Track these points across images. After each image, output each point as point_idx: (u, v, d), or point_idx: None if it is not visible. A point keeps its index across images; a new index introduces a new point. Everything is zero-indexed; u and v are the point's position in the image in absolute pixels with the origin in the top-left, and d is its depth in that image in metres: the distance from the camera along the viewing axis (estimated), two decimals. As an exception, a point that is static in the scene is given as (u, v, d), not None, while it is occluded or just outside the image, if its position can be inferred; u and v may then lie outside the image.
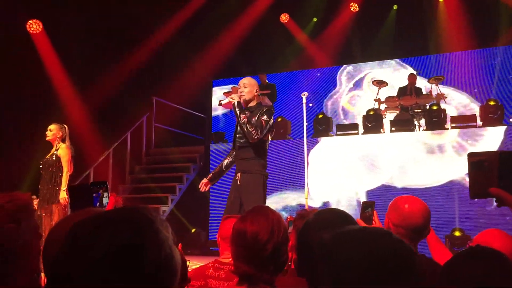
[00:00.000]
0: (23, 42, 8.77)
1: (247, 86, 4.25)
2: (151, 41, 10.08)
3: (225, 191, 8.20)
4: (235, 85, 9.70)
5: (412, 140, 7.59)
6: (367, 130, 8.09)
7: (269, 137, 4.28)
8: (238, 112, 4.14)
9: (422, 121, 8.33)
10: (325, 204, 7.53)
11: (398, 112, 8.56)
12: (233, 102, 4.20)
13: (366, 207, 2.14)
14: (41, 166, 5.49)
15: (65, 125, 5.64)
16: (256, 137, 4.06)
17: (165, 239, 0.82)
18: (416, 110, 8.34)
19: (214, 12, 10.50)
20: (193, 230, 8.30)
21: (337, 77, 10.80)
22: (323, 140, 8.04)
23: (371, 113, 8.31)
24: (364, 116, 8.31)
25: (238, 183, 4.19)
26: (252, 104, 4.27)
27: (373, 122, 8.11)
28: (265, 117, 4.11)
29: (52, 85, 9.02)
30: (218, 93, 10.79)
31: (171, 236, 0.85)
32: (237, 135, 4.26)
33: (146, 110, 9.81)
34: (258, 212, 1.75)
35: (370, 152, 7.62)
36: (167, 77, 10.30)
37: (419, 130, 8.12)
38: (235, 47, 10.68)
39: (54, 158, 5.38)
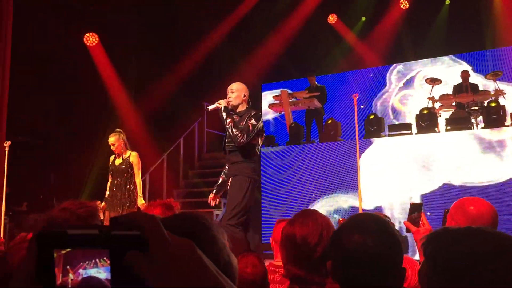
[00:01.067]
0: (81, 55, 9.19)
1: (234, 91, 4.26)
2: (200, 48, 10.29)
3: (277, 194, 8.23)
4: (285, 89, 9.76)
5: (470, 139, 7.31)
6: (421, 130, 7.87)
7: (259, 141, 4.26)
8: (224, 116, 4.15)
9: (480, 119, 8.01)
10: (377, 208, 7.38)
11: (453, 110, 8.28)
12: (220, 107, 4.20)
13: (414, 210, 2.11)
14: (111, 173, 5.64)
15: (119, 130, 5.76)
16: (241, 141, 4.05)
17: (222, 246, 0.82)
18: (473, 108, 8.03)
19: (262, 16, 10.58)
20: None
21: (387, 77, 10.58)
22: (376, 142, 7.90)
23: (425, 112, 8.07)
24: (417, 115, 8.08)
25: (228, 187, 4.21)
26: (241, 109, 4.27)
27: (427, 121, 7.88)
28: (252, 121, 4.10)
29: (108, 95, 9.40)
30: (268, 97, 10.84)
31: (227, 242, 0.85)
32: (226, 140, 4.26)
33: (197, 116, 10.01)
34: (306, 215, 1.77)
35: (424, 152, 7.40)
36: (217, 82, 10.46)
37: (477, 128, 7.81)
38: (284, 50, 10.70)
39: (127, 165, 5.55)
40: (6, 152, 5.81)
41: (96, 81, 9.21)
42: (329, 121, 8.69)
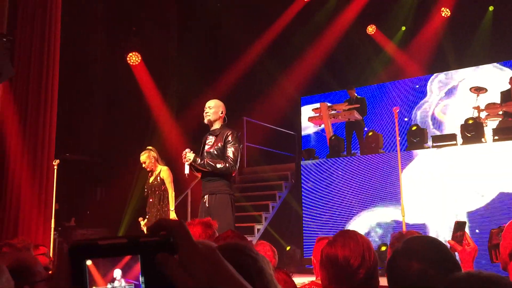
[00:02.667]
0: (125, 74, 9.48)
1: (212, 108, 4.45)
2: (240, 63, 10.41)
3: (318, 208, 8.16)
4: (324, 102, 9.70)
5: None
6: (466, 140, 7.63)
7: None
8: (200, 166, 4.26)
9: (529, 128, 7.69)
10: (420, 225, 7.17)
11: (500, 119, 7.99)
12: (189, 163, 4.31)
13: (458, 228, 2.05)
14: (146, 191, 5.75)
15: (150, 148, 5.80)
16: (234, 169, 4.22)
17: (270, 278, 0.83)
18: (521, 116, 7.73)
19: (300, 29, 10.62)
20: (288, 248, 8.32)
21: (427, 86, 10.35)
22: (419, 154, 7.71)
23: (470, 121, 7.83)
24: (462, 125, 7.84)
25: (207, 205, 4.25)
26: (217, 126, 4.43)
27: (473, 131, 7.63)
28: (235, 145, 4.25)
29: (151, 112, 9.62)
30: (307, 110, 10.80)
31: (273, 272, 0.86)
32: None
33: (238, 130, 10.03)
34: (347, 236, 1.75)
35: (471, 164, 7.14)
36: (257, 96, 10.55)
37: (526, 138, 7.49)
38: (323, 63, 10.68)
39: (159, 181, 5.62)
40: (55, 170, 6.03)
41: (139, 99, 9.46)
42: (370, 133, 8.56)
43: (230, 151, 4.23)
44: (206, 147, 4.42)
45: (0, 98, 7.01)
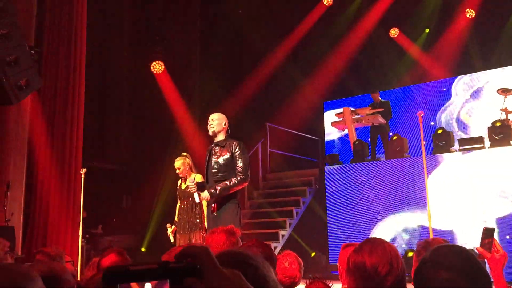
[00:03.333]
0: (149, 82, 9.62)
1: (215, 120, 4.71)
2: (262, 69, 10.46)
3: (343, 213, 8.10)
4: (347, 107, 9.65)
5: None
6: (494, 143, 7.47)
7: None
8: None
9: (560, 129, 7.49)
10: (447, 231, 7.03)
11: (529, 121, 7.80)
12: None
13: (486, 235, 2.01)
14: (178, 197, 5.75)
15: (185, 154, 5.81)
16: (247, 179, 4.40)
17: (274, 284, 0.84)
18: (551, 118, 7.54)
19: (322, 34, 10.60)
20: (313, 254, 8.28)
21: (452, 89, 10.18)
22: (446, 158, 7.58)
23: (498, 124, 7.67)
24: (489, 128, 7.69)
25: (215, 213, 4.39)
26: (221, 137, 4.64)
27: (500, 134, 7.47)
28: (244, 157, 4.44)
29: (175, 120, 9.72)
30: (330, 115, 10.75)
31: (276, 277, 0.87)
32: (213, 171, 4.52)
33: (261, 137, 10.11)
34: (374, 243, 1.73)
35: (498, 168, 6.99)
36: (279, 102, 10.56)
37: (557, 140, 7.29)
38: (345, 67, 10.63)
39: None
40: (82, 179, 6.14)
41: (163, 108, 9.58)
42: (395, 137, 8.47)
43: (240, 162, 4.42)
44: (213, 157, 4.58)
45: (29, 109, 7.19)
